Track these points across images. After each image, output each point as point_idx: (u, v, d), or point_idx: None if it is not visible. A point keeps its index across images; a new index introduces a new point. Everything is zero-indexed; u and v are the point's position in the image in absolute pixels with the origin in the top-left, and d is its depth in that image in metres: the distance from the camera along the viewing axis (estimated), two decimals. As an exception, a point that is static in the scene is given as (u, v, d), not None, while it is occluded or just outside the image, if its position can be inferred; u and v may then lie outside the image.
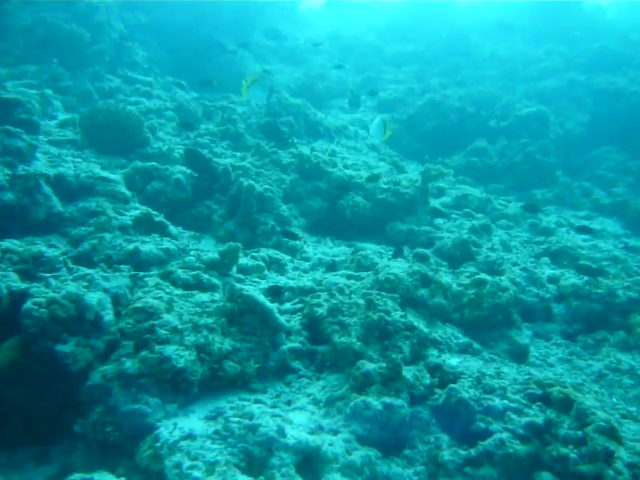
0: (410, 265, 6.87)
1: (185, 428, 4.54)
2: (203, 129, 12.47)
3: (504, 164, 15.27)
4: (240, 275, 7.15)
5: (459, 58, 22.04)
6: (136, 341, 4.95)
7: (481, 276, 7.18)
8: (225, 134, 12.28)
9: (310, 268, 8.14)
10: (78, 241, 6.75)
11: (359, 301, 6.10)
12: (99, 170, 8.13)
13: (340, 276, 7.49)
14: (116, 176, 8.17)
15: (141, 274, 6.13)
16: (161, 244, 7.01)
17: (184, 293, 5.85)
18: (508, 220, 11.39)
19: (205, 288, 6.28)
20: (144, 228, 7.50)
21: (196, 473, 4.09)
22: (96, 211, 7.26)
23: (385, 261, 7.58)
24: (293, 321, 6.18)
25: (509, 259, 8.58)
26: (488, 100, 17.82)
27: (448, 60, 21.99)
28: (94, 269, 5.90)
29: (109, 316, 5.17)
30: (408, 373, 5.25)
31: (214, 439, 4.43)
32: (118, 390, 4.63)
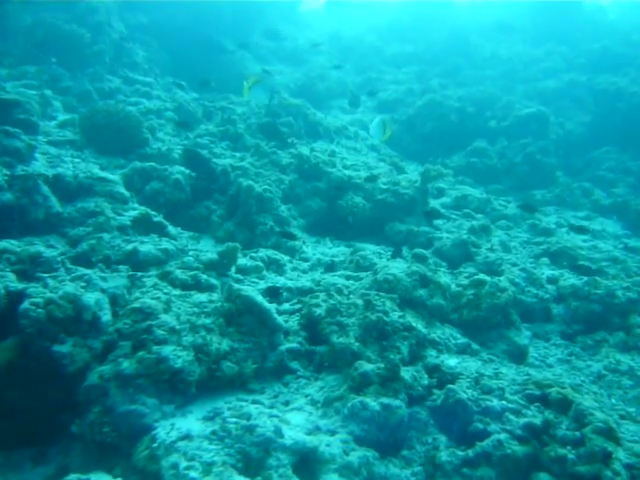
0: (409, 265, 6.86)
1: (182, 429, 4.53)
2: (203, 129, 12.46)
3: (504, 164, 15.25)
4: (239, 275, 7.15)
5: (459, 58, 22.01)
6: (133, 341, 4.95)
7: (480, 277, 7.16)
8: (225, 134, 12.27)
9: (309, 268, 8.12)
10: (77, 241, 6.75)
11: (357, 301, 6.08)
12: (98, 170, 8.13)
13: (339, 276, 7.47)
14: (115, 176, 8.17)
15: (139, 274, 6.12)
16: (160, 244, 7.00)
17: (182, 293, 5.83)
18: (508, 221, 11.36)
19: (203, 288, 6.26)
20: (143, 228, 7.49)
21: (193, 474, 4.08)
22: (95, 211, 7.25)
23: (384, 261, 7.56)
24: (291, 321, 6.16)
25: (508, 260, 8.56)
26: (488, 100, 17.81)
27: (448, 60, 21.95)
28: (92, 269, 5.90)
29: (107, 316, 5.17)
30: (406, 374, 5.24)
31: (211, 440, 4.42)
32: (115, 390, 4.63)
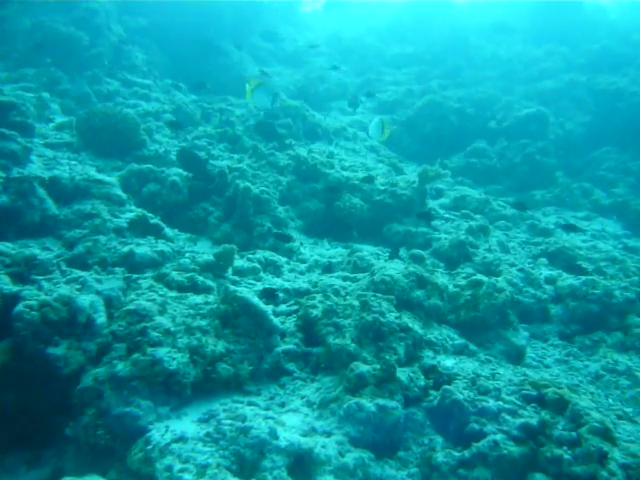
0: (406, 266, 6.83)
1: (177, 431, 4.51)
2: (201, 131, 12.48)
3: (503, 165, 15.23)
4: (235, 277, 7.13)
5: (459, 59, 21.98)
6: (128, 343, 4.93)
7: (477, 277, 7.13)
8: (223, 136, 12.27)
9: (306, 270, 8.09)
10: (73, 244, 6.73)
11: (354, 302, 6.06)
12: (94, 172, 8.13)
13: (336, 278, 7.45)
14: (112, 178, 8.16)
15: (135, 276, 6.11)
16: (156, 246, 6.98)
17: (178, 295, 5.82)
18: (507, 221, 11.34)
19: (200, 290, 6.24)
20: (139, 230, 7.48)
21: (187, 476, 4.07)
22: (91, 213, 7.23)
23: (381, 262, 7.54)
24: (288, 323, 6.15)
25: (506, 260, 8.54)
26: (488, 101, 17.80)
27: (448, 61, 21.92)
28: (88, 272, 5.89)
29: (101, 318, 5.16)
30: (402, 375, 5.22)
31: (205, 442, 4.41)
32: (110, 393, 4.61)
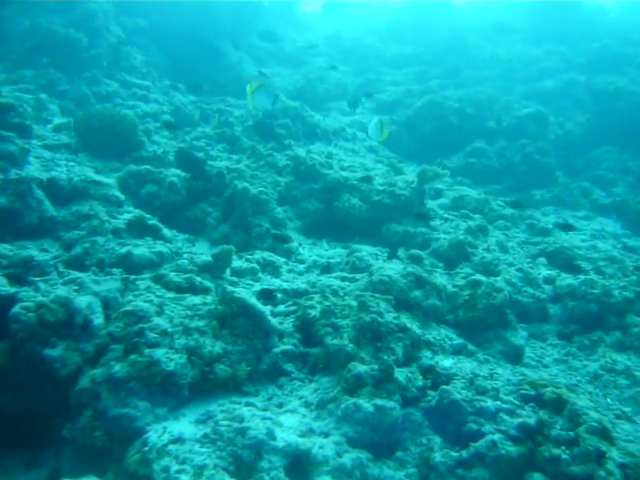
0: (404, 267, 6.83)
1: (174, 432, 4.51)
2: (199, 132, 12.47)
3: (503, 165, 15.20)
4: (234, 278, 7.12)
5: (458, 59, 21.92)
6: (125, 345, 4.92)
7: (476, 277, 7.13)
8: (221, 137, 12.25)
9: (305, 270, 8.08)
10: (71, 245, 6.74)
11: (352, 303, 6.06)
12: (92, 174, 8.13)
13: (335, 278, 7.43)
14: (110, 180, 8.16)
15: (132, 277, 6.11)
16: (154, 247, 6.98)
17: (176, 296, 5.81)
18: (506, 221, 11.31)
19: (198, 291, 6.23)
20: (137, 231, 7.48)
21: (184, 477, 4.07)
22: (89, 215, 7.24)
23: (380, 263, 7.53)
24: (286, 323, 6.15)
25: (505, 260, 8.53)
26: (487, 101, 17.76)
27: (447, 61, 21.86)
28: (85, 273, 5.88)
29: (99, 320, 5.15)
30: (400, 375, 5.22)
31: (203, 443, 4.41)
32: (107, 394, 4.61)
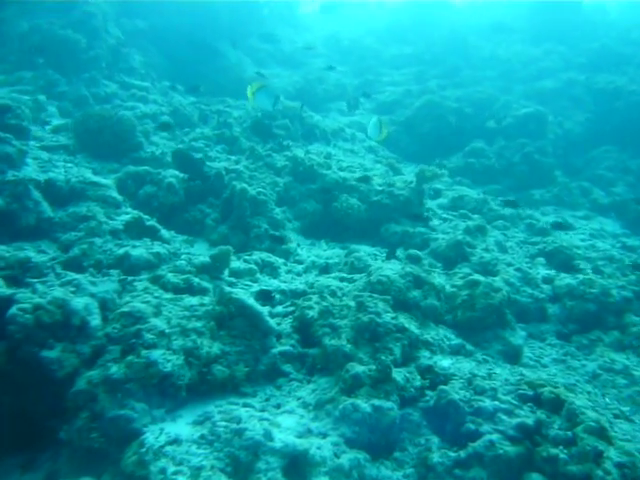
0: (402, 267, 6.81)
1: (171, 433, 4.51)
2: (198, 133, 12.45)
3: (502, 165, 15.17)
4: (232, 279, 7.10)
5: (458, 59, 21.88)
6: (123, 346, 4.93)
7: (474, 277, 7.11)
8: (220, 138, 12.23)
9: (303, 271, 8.07)
10: (68, 246, 6.72)
11: (350, 303, 6.06)
12: (90, 175, 8.12)
13: (333, 278, 7.41)
14: (108, 181, 8.16)
15: (130, 278, 6.10)
16: (152, 248, 6.97)
17: (173, 297, 5.81)
18: (505, 221, 11.28)
19: (196, 292, 6.22)
20: (135, 232, 7.47)
21: (181, 478, 4.07)
22: (87, 216, 7.23)
23: (379, 263, 7.52)
24: (284, 324, 6.14)
25: (504, 260, 8.51)
26: (486, 101, 17.73)
27: (447, 61, 21.82)
28: (83, 274, 5.87)
29: (96, 321, 5.14)
30: (398, 375, 5.21)
31: (200, 444, 4.41)
32: (104, 396, 4.60)
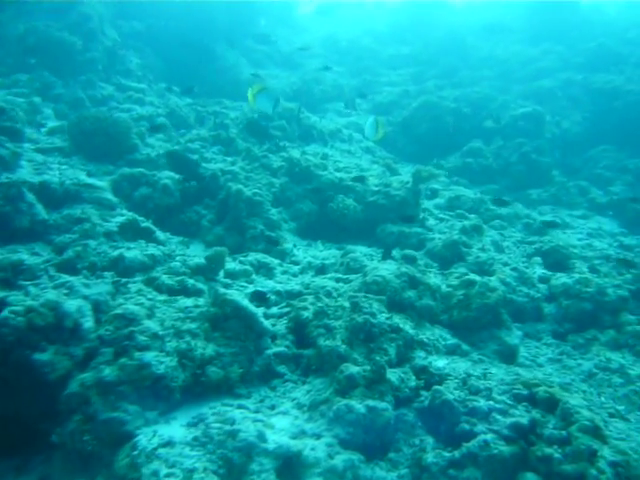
0: (398, 267, 6.79)
1: (164, 435, 4.49)
2: (194, 134, 12.43)
3: (499, 164, 15.14)
4: (227, 280, 7.10)
5: (456, 60, 21.88)
6: (115, 348, 4.91)
7: (470, 277, 7.10)
8: (216, 139, 12.20)
9: (299, 272, 8.05)
10: (62, 248, 6.70)
11: (345, 304, 6.04)
12: (85, 177, 8.11)
13: (329, 279, 7.41)
14: (102, 183, 8.14)
15: (124, 280, 6.08)
16: (146, 250, 6.96)
17: (167, 299, 5.80)
18: (502, 220, 11.26)
19: (190, 293, 6.22)
20: (130, 234, 7.45)
21: (173, 480, 4.05)
22: (81, 218, 7.22)
23: (374, 263, 7.50)
24: (279, 325, 6.12)
25: (500, 259, 8.49)
26: (484, 101, 17.71)
27: (444, 62, 21.81)
28: (76, 276, 5.85)
29: (89, 323, 5.13)
30: (393, 376, 5.19)
31: (193, 446, 4.39)
32: (96, 398, 4.59)
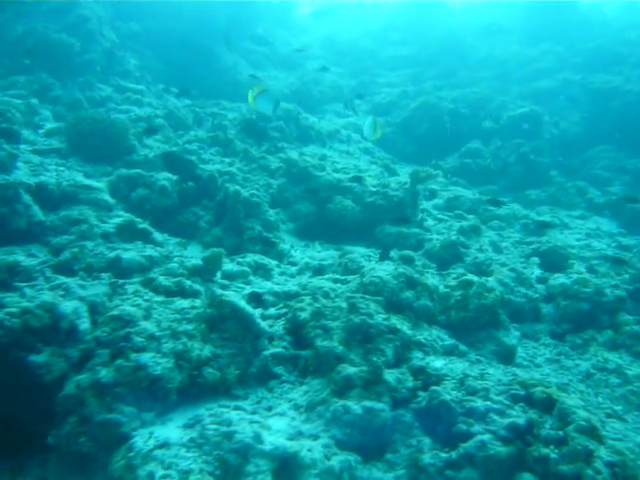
0: (395, 267, 6.78)
1: (160, 437, 4.48)
2: (192, 135, 12.43)
3: (498, 165, 15.15)
4: (225, 281, 7.09)
5: (454, 60, 21.87)
6: (112, 349, 4.89)
7: (467, 277, 7.08)
8: (214, 140, 12.20)
9: (297, 273, 8.05)
10: (59, 250, 6.69)
11: (342, 305, 6.03)
12: (82, 178, 8.10)
13: (326, 280, 7.40)
14: (100, 184, 8.13)
15: (121, 282, 6.07)
16: (144, 251, 6.95)
17: (164, 300, 5.78)
18: (500, 221, 11.26)
19: (187, 295, 6.20)
20: (128, 236, 7.44)
21: (168, 482, 4.04)
22: (78, 219, 7.20)
23: (372, 264, 7.49)
24: (277, 326, 6.11)
25: (498, 260, 8.49)
26: (482, 101, 17.73)
27: (443, 62, 21.81)
28: (73, 278, 5.84)
29: (85, 325, 5.11)
30: (390, 376, 5.17)
31: (189, 447, 4.37)
32: (92, 400, 4.57)
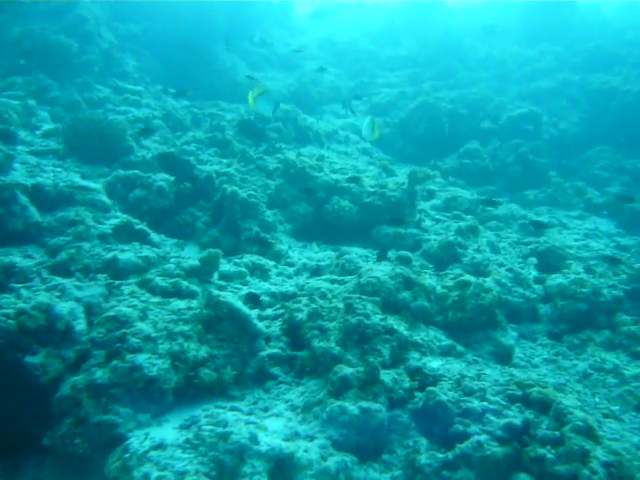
0: (392, 268, 6.77)
1: (156, 438, 4.47)
2: (190, 136, 12.43)
3: (496, 165, 15.13)
4: (222, 282, 7.08)
5: (453, 61, 21.85)
6: (107, 350, 4.89)
7: (465, 278, 7.07)
8: (212, 141, 12.21)
9: (294, 273, 8.04)
10: (56, 251, 6.68)
11: (339, 305, 6.02)
12: (79, 179, 8.09)
13: (324, 280, 7.39)
14: (97, 185, 8.13)
15: (117, 282, 6.07)
16: (140, 252, 6.94)
17: (160, 301, 5.78)
18: (498, 221, 11.26)
19: (184, 295, 6.20)
20: (124, 236, 7.43)
21: (164, 483, 4.03)
22: (75, 220, 7.19)
23: (370, 264, 7.48)
24: (273, 327, 6.11)
25: (496, 260, 8.48)
26: (481, 102, 17.71)
27: (442, 63, 21.78)
28: (69, 279, 5.84)
29: (81, 326, 5.12)
30: (387, 377, 5.16)
31: (185, 448, 4.36)
32: (88, 401, 4.57)
